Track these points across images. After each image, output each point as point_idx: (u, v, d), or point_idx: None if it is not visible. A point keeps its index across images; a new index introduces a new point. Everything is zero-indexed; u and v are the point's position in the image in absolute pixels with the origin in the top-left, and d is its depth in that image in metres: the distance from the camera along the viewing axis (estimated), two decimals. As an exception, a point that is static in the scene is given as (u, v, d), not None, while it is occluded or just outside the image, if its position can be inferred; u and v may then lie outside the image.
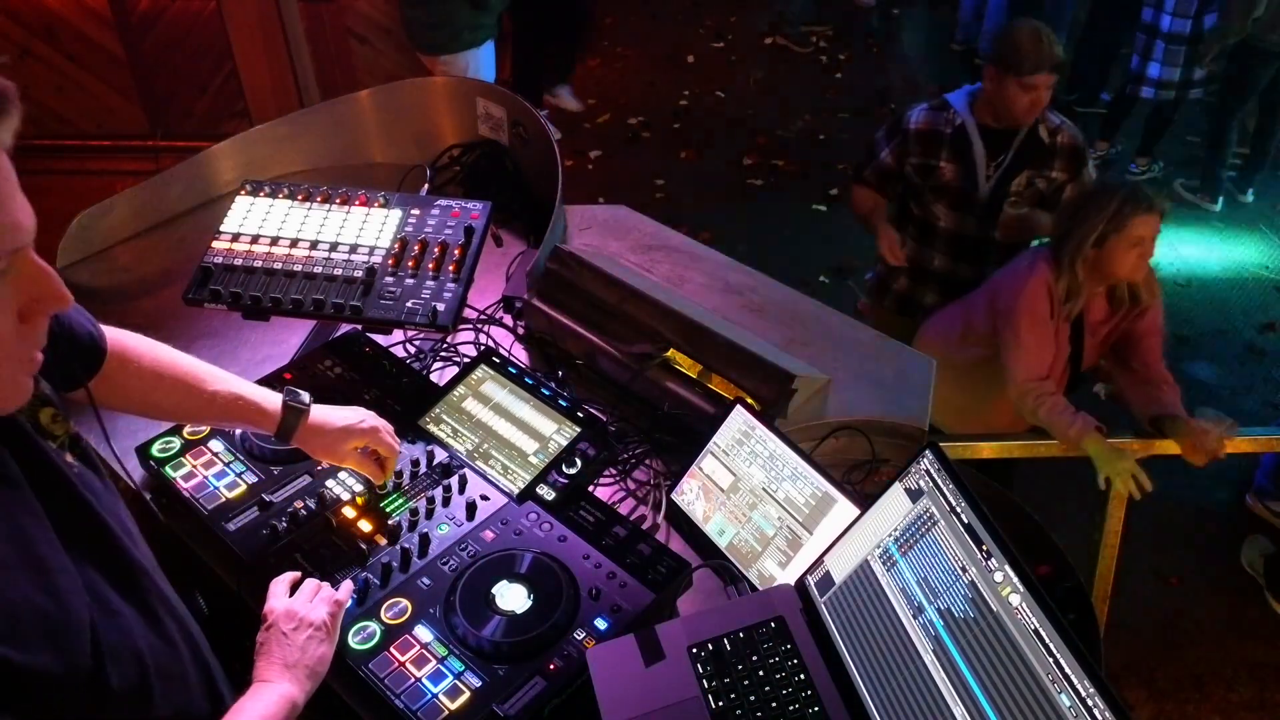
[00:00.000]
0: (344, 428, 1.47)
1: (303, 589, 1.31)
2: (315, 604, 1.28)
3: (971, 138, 2.80)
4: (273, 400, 1.44)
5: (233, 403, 1.41)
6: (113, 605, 0.98)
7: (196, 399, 1.40)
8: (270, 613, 1.25)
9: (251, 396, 1.43)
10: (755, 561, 1.56)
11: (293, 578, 1.33)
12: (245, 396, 1.42)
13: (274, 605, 1.27)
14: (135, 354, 1.36)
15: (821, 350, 1.97)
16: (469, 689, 1.29)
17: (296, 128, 2.48)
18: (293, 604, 1.27)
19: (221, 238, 1.86)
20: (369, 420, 1.49)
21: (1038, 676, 1.09)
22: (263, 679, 1.17)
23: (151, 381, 1.37)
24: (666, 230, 2.32)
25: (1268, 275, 4.66)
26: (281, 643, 1.21)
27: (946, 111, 2.84)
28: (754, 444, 1.62)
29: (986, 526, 1.20)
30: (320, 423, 1.46)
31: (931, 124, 2.85)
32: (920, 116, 2.87)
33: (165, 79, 4.78)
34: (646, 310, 1.87)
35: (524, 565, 1.45)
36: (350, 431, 1.47)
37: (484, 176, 2.43)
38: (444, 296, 1.76)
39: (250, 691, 1.15)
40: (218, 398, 1.40)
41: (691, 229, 2.77)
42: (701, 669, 1.31)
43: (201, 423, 1.62)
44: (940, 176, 2.84)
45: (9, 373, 0.88)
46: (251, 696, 1.14)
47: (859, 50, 6.48)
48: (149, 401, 1.40)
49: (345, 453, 1.48)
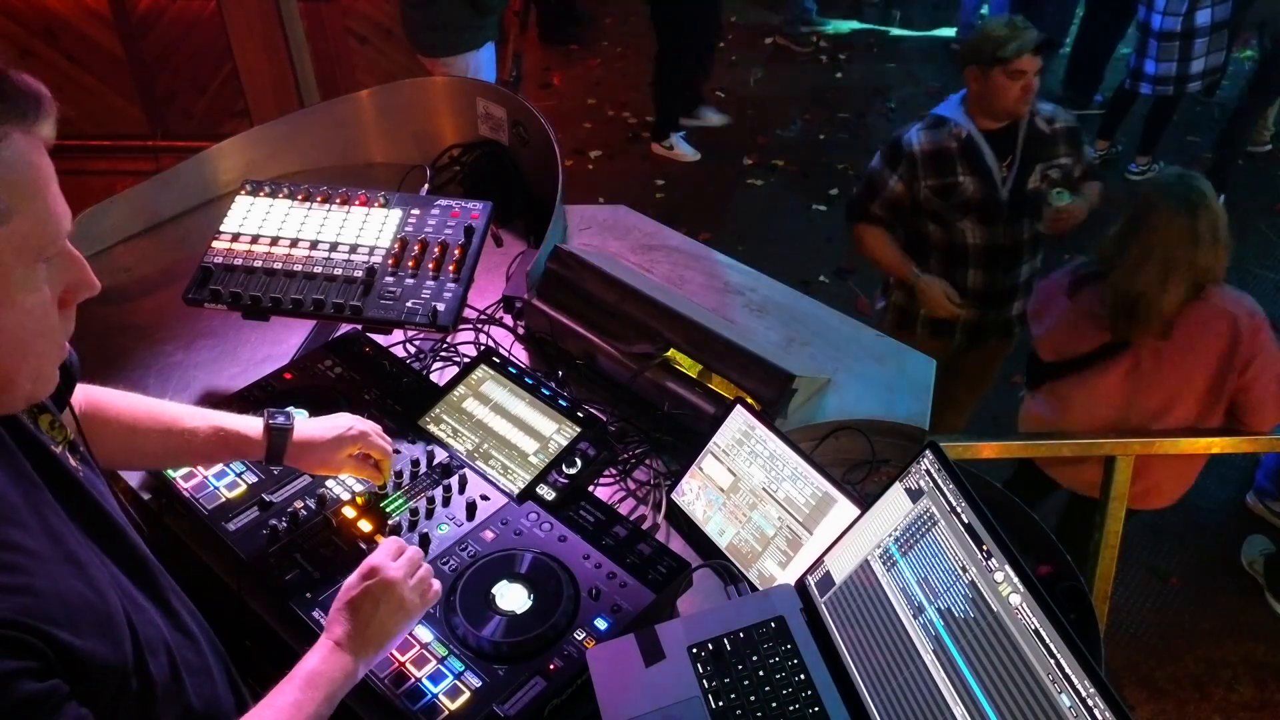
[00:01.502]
0: (334, 438, 1.44)
1: (416, 564, 1.26)
2: (416, 583, 1.24)
3: (981, 146, 2.75)
4: (254, 426, 1.40)
5: (215, 436, 1.38)
6: (138, 600, 1.00)
7: (178, 439, 1.37)
8: (378, 569, 1.21)
9: (233, 426, 1.40)
10: (755, 561, 1.56)
11: (401, 545, 1.28)
12: (226, 427, 1.39)
13: (383, 564, 1.22)
14: (105, 405, 1.33)
15: (821, 350, 1.97)
16: (469, 689, 1.29)
17: (296, 128, 2.48)
18: (397, 572, 1.22)
19: (221, 238, 1.86)
20: (357, 425, 1.46)
21: (1038, 676, 1.09)
22: (334, 639, 1.16)
23: (129, 429, 1.34)
24: (666, 230, 2.32)
25: (1267, 275, 4.66)
26: (370, 609, 1.18)
27: (946, 126, 2.77)
28: (754, 444, 1.62)
29: (987, 526, 1.20)
30: (308, 438, 1.42)
31: (936, 142, 2.77)
32: (922, 138, 2.78)
33: (165, 79, 4.78)
34: (646, 310, 1.87)
35: (524, 565, 1.45)
36: (341, 440, 1.44)
37: (484, 176, 2.43)
38: (444, 296, 1.76)
39: (319, 652, 1.15)
40: (198, 434, 1.37)
41: (691, 229, 2.77)
42: (701, 669, 1.31)
43: (188, 463, 1.55)
44: (964, 192, 2.76)
45: (51, 359, 0.92)
46: (321, 658, 1.14)
47: (859, 50, 6.48)
48: (132, 449, 1.35)
49: (340, 463, 1.46)
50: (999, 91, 2.67)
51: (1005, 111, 2.72)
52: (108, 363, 1.95)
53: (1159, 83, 4.72)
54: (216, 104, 4.83)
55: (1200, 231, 2.28)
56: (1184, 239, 2.28)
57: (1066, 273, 2.57)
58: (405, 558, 1.25)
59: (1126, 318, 2.36)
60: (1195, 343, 2.37)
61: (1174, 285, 2.29)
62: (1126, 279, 2.33)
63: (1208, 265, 2.32)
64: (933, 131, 2.79)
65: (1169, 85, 4.72)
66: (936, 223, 2.85)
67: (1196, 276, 2.31)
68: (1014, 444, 2.50)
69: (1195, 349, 2.38)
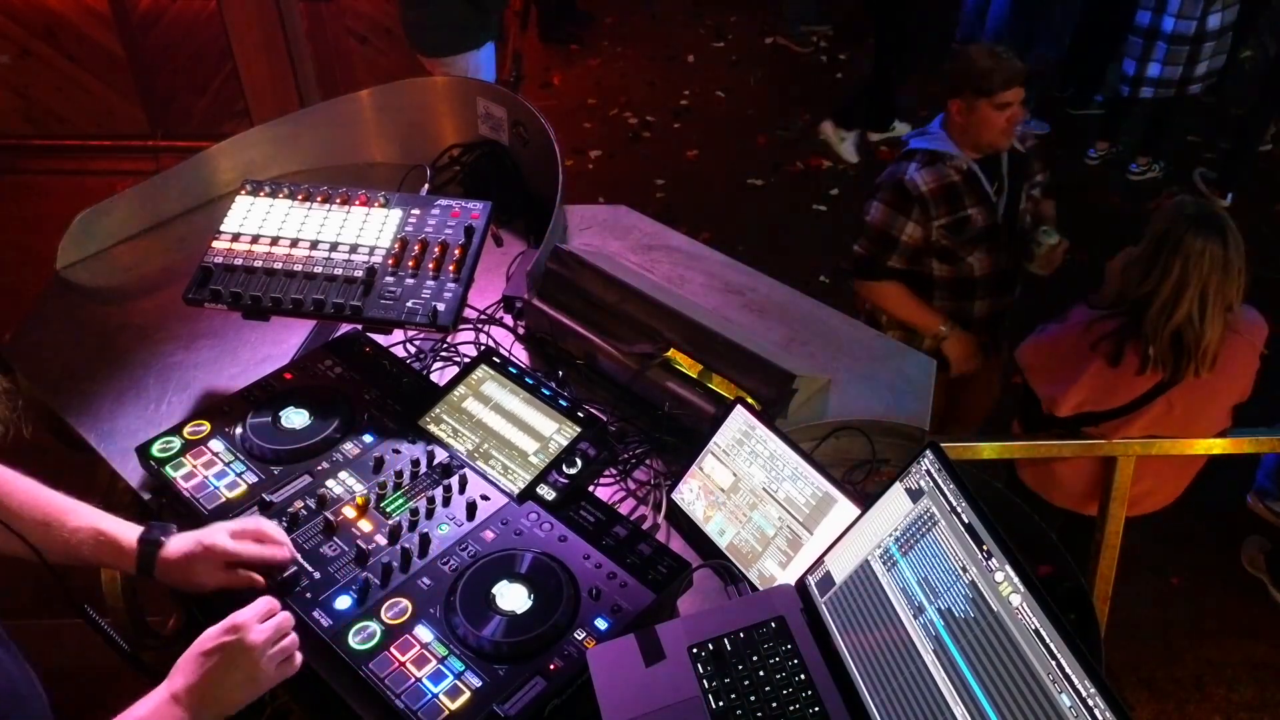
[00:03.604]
0: (185, 556, 1.36)
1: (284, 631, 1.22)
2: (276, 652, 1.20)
3: (980, 175, 2.70)
4: (131, 536, 1.36)
5: (93, 539, 1.34)
6: None
7: (57, 534, 1.32)
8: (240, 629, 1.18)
9: (112, 533, 1.36)
10: (755, 561, 1.56)
11: (273, 607, 1.25)
12: (106, 532, 1.35)
13: (248, 625, 1.19)
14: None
15: (821, 350, 1.97)
16: (469, 689, 1.29)
17: (296, 128, 2.48)
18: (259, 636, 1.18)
19: (222, 238, 1.86)
20: (205, 539, 1.37)
21: (1038, 676, 1.09)
22: (173, 691, 1.13)
23: (9, 512, 1.29)
24: (666, 230, 2.32)
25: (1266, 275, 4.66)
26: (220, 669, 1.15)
27: (944, 160, 2.68)
28: (754, 444, 1.62)
29: (987, 526, 1.20)
30: (172, 556, 1.36)
31: (940, 178, 2.67)
32: (925, 176, 2.68)
33: (165, 79, 4.78)
34: (646, 310, 1.87)
35: (524, 565, 1.45)
36: (193, 560, 1.36)
37: (484, 176, 2.43)
38: (444, 296, 1.76)
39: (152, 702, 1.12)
40: (79, 533, 1.33)
41: (691, 229, 2.76)
42: (702, 669, 1.31)
43: (61, 559, 1.40)
44: (974, 225, 2.69)
45: None
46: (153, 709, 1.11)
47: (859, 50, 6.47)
48: (8, 534, 1.27)
49: (203, 582, 1.37)
50: (984, 124, 2.61)
51: (989, 144, 2.67)
52: (108, 363, 1.95)
53: (1161, 86, 4.72)
54: (216, 104, 4.83)
55: (1232, 259, 2.25)
56: (1217, 268, 2.24)
57: (1077, 326, 2.43)
58: (272, 623, 1.22)
59: (1175, 356, 2.29)
60: (1230, 370, 2.35)
61: (1215, 316, 2.25)
62: (1166, 317, 2.25)
63: (1238, 291, 2.29)
64: (933, 168, 2.68)
65: (1171, 88, 4.72)
66: (944, 260, 2.77)
67: (1229, 303, 2.28)
68: (1014, 444, 2.50)
69: (1229, 376, 2.37)
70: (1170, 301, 2.25)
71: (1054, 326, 2.52)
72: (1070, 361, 2.43)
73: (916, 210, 2.68)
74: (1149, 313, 2.28)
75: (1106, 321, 2.37)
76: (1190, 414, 2.40)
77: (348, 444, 1.65)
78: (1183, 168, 5.24)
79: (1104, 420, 2.44)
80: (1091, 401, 2.44)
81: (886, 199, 2.73)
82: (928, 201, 2.68)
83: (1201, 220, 2.25)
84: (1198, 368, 2.29)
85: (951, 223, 2.69)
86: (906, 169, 2.71)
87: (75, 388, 1.90)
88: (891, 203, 2.72)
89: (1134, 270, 2.32)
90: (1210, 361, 2.29)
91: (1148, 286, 2.27)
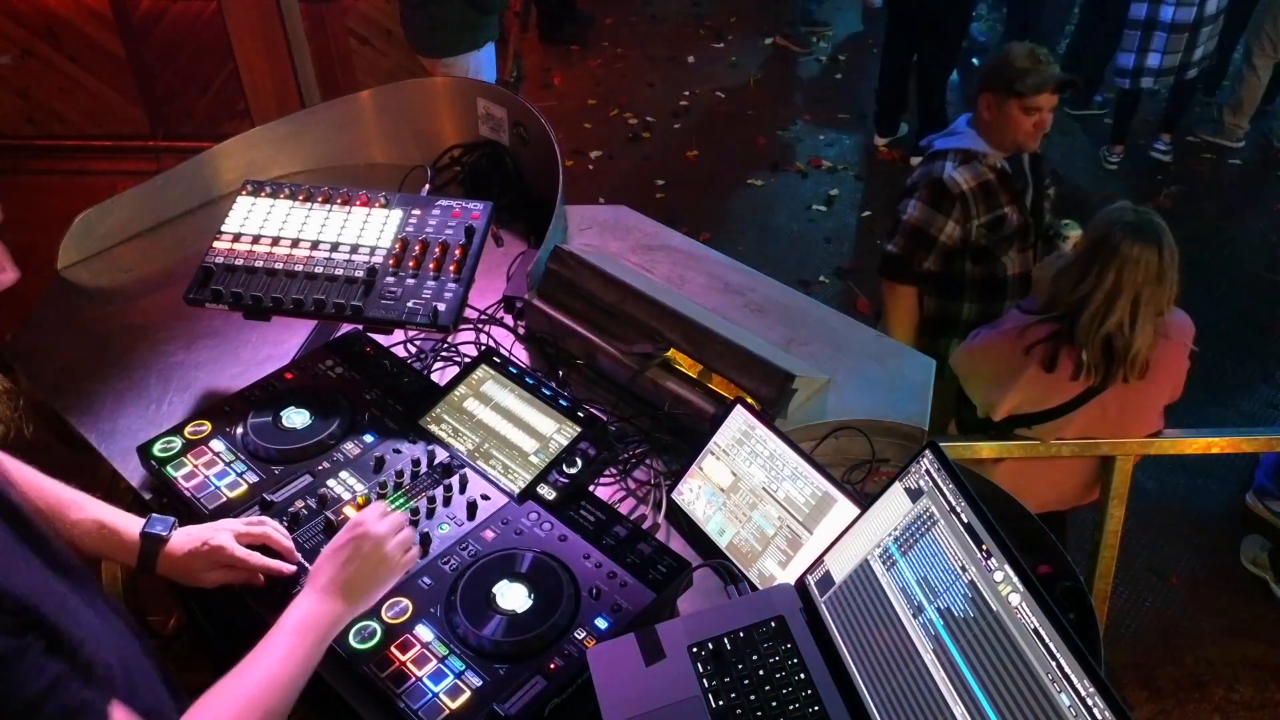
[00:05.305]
0: (189, 553, 1.38)
1: (400, 525, 1.33)
2: (399, 541, 1.30)
3: (1011, 174, 2.69)
4: (133, 529, 1.38)
5: (96, 531, 1.36)
6: (69, 602, 0.99)
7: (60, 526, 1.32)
8: (363, 524, 1.28)
9: (114, 525, 1.37)
10: (755, 561, 1.56)
11: (386, 508, 1.35)
12: (108, 524, 1.37)
13: (368, 521, 1.29)
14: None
15: (821, 350, 1.97)
16: (469, 688, 1.29)
17: (297, 128, 2.48)
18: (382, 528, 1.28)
19: (222, 238, 1.86)
20: (213, 539, 1.39)
21: (1038, 676, 1.09)
22: (318, 587, 1.21)
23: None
24: (666, 230, 2.32)
25: (1268, 275, 4.66)
26: (355, 560, 1.24)
27: (978, 159, 2.65)
28: (754, 444, 1.62)
29: (986, 526, 1.20)
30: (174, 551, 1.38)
31: (978, 176, 2.64)
32: (964, 174, 2.64)
33: (166, 79, 4.79)
34: (646, 310, 1.87)
35: (524, 565, 1.45)
36: (195, 556, 1.38)
37: (484, 177, 2.44)
38: (445, 296, 1.77)
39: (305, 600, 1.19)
40: (81, 526, 1.35)
41: (691, 229, 2.77)
42: (702, 668, 1.31)
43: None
44: (1009, 223, 2.67)
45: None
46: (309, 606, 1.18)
47: (859, 50, 6.48)
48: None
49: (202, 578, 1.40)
50: (1011, 123, 2.59)
51: (1014, 144, 2.64)
52: (109, 363, 1.95)
53: (1162, 75, 4.74)
54: (217, 104, 4.84)
55: (1166, 268, 2.24)
56: (1150, 277, 2.23)
57: (1011, 332, 2.40)
58: (390, 519, 1.32)
59: (1107, 363, 2.28)
60: (1161, 373, 2.35)
61: (1145, 323, 2.25)
62: (1098, 323, 2.25)
63: (1170, 299, 2.28)
64: (970, 166, 2.65)
65: (1171, 75, 4.75)
66: (979, 260, 2.73)
67: (1160, 310, 2.28)
68: (1013, 445, 2.50)
69: (1161, 379, 2.37)
70: (1103, 308, 2.24)
71: (987, 332, 2.50)
72: (1005, 366, 2.41)
73: (957, 209, 2.64)
74: (1081, 319, 2.27)
75: (1040, 326, 2.36)
76: (1125, 416, 2.40)
77: (348, 444, 1.65)
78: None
79: (1038, 423, 2.44)
80: (1028, 404, 2.43)
81: (925, 197, 2.68)
82: (969, 199, 2.63)
83: (1138, 229, 2.24)
84: (1127, 374, 2.28)
85: (991, 221, 2.65)
86: (942, 167, 2.66)
87: (76, 388, 1.90)
88: (930, 201, 2.67)
89: (1068, 275, 2.31)
90: (1140, 368, 2.28)
91: (1081, 292, 2.26)
